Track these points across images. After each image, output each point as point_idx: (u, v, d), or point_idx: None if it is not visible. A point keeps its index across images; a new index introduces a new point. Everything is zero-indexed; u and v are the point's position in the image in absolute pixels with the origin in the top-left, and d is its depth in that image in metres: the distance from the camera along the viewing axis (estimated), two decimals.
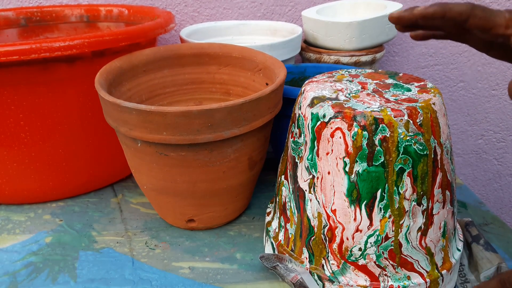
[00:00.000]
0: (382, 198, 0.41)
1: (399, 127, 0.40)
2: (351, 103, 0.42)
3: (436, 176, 0.43)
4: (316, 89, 0.45)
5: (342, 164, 0.42)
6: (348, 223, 0.43)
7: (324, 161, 0.43)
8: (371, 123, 0.40)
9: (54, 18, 0.83)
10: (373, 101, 0.43)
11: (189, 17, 0.91)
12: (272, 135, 0.64)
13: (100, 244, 0.55)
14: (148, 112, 0.45)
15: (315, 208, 0.44)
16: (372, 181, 0.41)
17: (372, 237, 0.42)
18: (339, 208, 0.43)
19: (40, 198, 0.64)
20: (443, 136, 0.43)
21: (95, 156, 0.64)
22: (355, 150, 0.41)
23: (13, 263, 0.52)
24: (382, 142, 0.40)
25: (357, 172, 0.41)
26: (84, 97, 0.59)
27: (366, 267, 0.43)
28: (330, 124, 0.42)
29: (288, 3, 0.92)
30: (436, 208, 0.43)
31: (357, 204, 0.42)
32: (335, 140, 0.41)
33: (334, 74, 0.51)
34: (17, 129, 0.57)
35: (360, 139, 0.40)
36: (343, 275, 0.44)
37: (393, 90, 0.45)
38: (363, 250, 0.43)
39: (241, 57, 0.63)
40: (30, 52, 0.51)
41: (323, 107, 0.42)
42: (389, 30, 0.81)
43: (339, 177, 0.42)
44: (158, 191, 0.53)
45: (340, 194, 0.42)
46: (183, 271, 0.51)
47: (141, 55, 0.61)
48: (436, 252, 0.45)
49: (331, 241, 0.44)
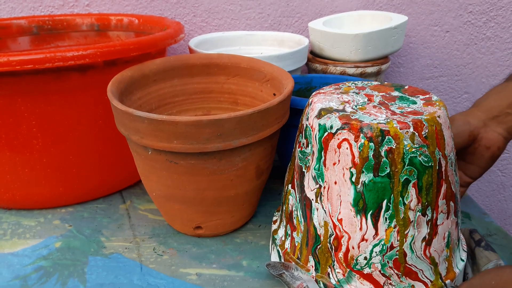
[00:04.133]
0: (387, 208, 0.42)
1: (405, 139, 0.41)
2: (358, 114, 0.43)
3: (441, 188, 0.43)
4: (323, 101, 0.46)
5: (348, 175, 0.42)
6: (354, 232, 0.43)
7: (331, 171, 0.43)
8: (377, 135, 0.41)
9: (65, 27, 0.84)
10: (379, 113, 0.44)
11: (198, 27, 0.93)
12: (278, 144, 0.65)
13: (109, 249, 0.56)
14: (160, 121, 0.46)
15: (322, 217, 0.45)
16: (378, 191, 0.42)
17: (377, 246, 0.43)
18: (345, 218, 0.43)
19: (50, 204, 0.65)
20: (448, 148, 0.44)
21: (104, 163, 0.65)
22: (362, 161, 0.42)
23: (24, 267, 0.53)
24: (388, 153, 0.41)
25: (363, 182, 0.42)
26: (95, 105, 0.61)
27: (371, 275, 0.44)
28: (337, 135, 0.42)
29: (295, 14, 0.94)
30: (440, 218, 0.44)
31: (363, 214, 0.43)
32: (342, 150, 0.42)
33: (341, 86, 0.52)
34: (30, 135, 0.59)
35: (367, 150, 0.41)
36: (348, 283, 0.45)
37: (399, 103, 0.46)
38: (369, 259, 0.44)
39: (249, 68, 0.64)
40: (44, 61, 0.53)
41: (330, 118, 0.43)
42: (394, 42, 0.82)
43: (346, 187, 0.43)
44: (166, 198, 0.54)
45: (346, 204, 0.43)
46: (190, 277, 0.51)
47: (151, 65, 0.62)
48: (440, 262, 0.45)
49: (337, 250, 0.45)
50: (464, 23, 0.99)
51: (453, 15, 0.98)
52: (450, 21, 0.98)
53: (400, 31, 0.83)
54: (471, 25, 0.99)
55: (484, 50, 1.02)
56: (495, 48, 1.02)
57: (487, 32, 1.00)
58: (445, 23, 0.98)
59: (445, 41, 1.00)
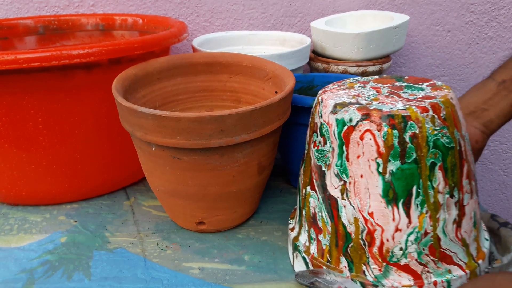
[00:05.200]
0: (418, 194, 0.42)
1: (426, 123, 0.41)
2: (375, 105, 0.43)
3: (463, 167, 0.44)
4: (334, 97, 0.46)
5: (375, 166, 0.42)
6: (387, 224, 0.43)
7: (356, 165, 0.43)
8: (400, 121, 0.41)
9: (71, 27, 0.85)
10: (394, 101, 0.44)
11: (201, 27, 0.94)
12: (280, 142, 0.66)
13: (113, 244, 0.57)
14: (163, 118, 0.47)
15: (351, 213, 0.44)
16: (406, 178, 0.42)
17: (412, 234, 0.43)
18: (376, 210, 0.43)
19: (55, 200, 0.66)
20: (463, 129, 0.44)
21: (109, 160, 0.66)
22: (387, 149, 0.41)
23: (30, 261, 0.54)
24: (412, 138, 0.41)
25: (391, 171, 0.42)
26: (100, 103, 0.62)
27: (408, 266, 0.43)
28: (358, 127, 0.42)
29: (298, 14, 0.95)
30: (466, 199, 0.44)
31: (394, 204, 0.42)
32: (365, 142, 0.42)
33: (344, 83, 0.52)
34: (36, 132, 0.60)
35: (391, 138, 0.41)
36: (386, 278, 0.44)
37: (408, 91, 0.46)
38: (404, 249, 0.43)
39: (252, 66, 0.65)
40: (51, 59, 0.54)
41: (348, 111, 0.43)
42: (396, 41, 0.83)
43: (373, 178, 0.42)
44: (170, 193, 0.55)
45: (375, 196, 0.42)
46: (193, 271, 0.52)
47: (155, 63, 0.63)
48: (471, 243, 0.45)
49: (370, 245, 0.44)
50: (466, 22, 0.99)
51: (455, 14, 0.98)
52: (452, 20, 0.99)
53: (402, 31, 0.83)
54: (473, 24, 1.00)
55: (486, 50, 1.02)
56: (497, 47, 1.02)
57: (489, 31, 1.00)
58: (447, 22, 0.99)
59: (447, 41, 1.01)
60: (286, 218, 0.62)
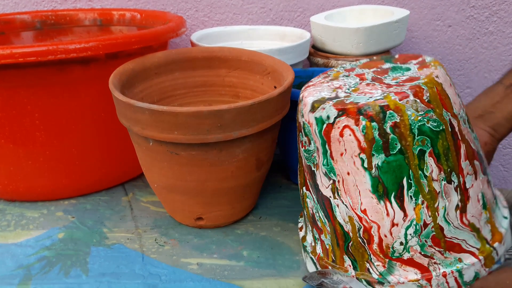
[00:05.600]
0: (409, 185, 0.40)
1: (407, 109, 0.39)
2: (352, 97, 0.41)
3: (459, 149, 0.41)
4: (314, 93, 0.44)
5: (359, 162, 0.40)
6: (381, 220, 0.41)
7: (340, 162, 0.41)
8: (377, 112, 0.39)
9: (68, 22, 0.85)
10: (374, 90, 0.42)
11: (200, 22, 0.93)
12: (279, 137, 0.65)
13: (111, 240, 0.57)
14: (161, 112, 0.46)
15: (345, 212, 0.43)
16: (394, 171, 0.40)
17: (410, 228, 0.41)
18: (369, 207, 0.41)
19: (53, 196, 0.66)
20: (455, 107, 0.41)
21: (107, 155, 0.66)
22: (369, 143, 0.40)
23: (27, 257, 0.54)
24: (394, 128, 0.39)
25: (376, 165, 0.40)
26: (98, 98, 0.61)
27: (412, 260, 0.42)
28: (336, 124, 0.40)
29: (297, 9, 0.94)
30: (468, 181, 0.42)
31: (386, 198, 0.40)
32: (346, 138, 0.40)
33: (330, 73, 0.50)
34: (33, 128, 0.59)
35: (371, 131, 0.39)
36: (391, 274, 0.42)
37: (392, 74, 0.44)
38: (405, 244, 0.41)
39: (250, 61, 0.65)
40: (47, 53, 0.53)
41: (325, 108, 0.41)
42: (396, 36, 0.83)
43: (360, 175, 0.41)
44: (168, 189, 0.55)
45: (366, 192, 0.41)
46: (191, 267, 0.52)
47: (153, 58, 0.62)
48: (482, 226, 0.43)
49: (369, 243, 0.42)
50: (466, 17, 0.99)
51: (455, 9, 0.98)
52: (453, 15, 0.98)
53: (402, 25, 0.83)
54: (474, 19, 0.99)
55: (487, 45, 1.02)
56: (498, 42, 1.01)
57: (489, 26, 1.00)
58: (448, 17, 0.98)
59: (447, 36, 1.00)
60: (285, 213, 0.62)
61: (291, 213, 0.62)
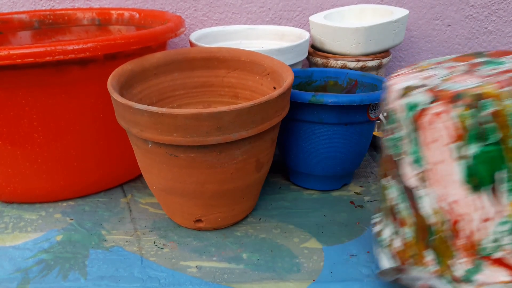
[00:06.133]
0: (506, 179, 0.37)
1: (508, 98, 0.36)
2: (446, 85, 0.39)
3: None
4: (402, 81, 0.42)
5: (452, 150, 0.38)
6: (472, 214, 0.38)
7: (431, 151, 0.39)
8: (475, 100, 0.36)
9: (66, 21, 0.84)
10: (468, 79, 0.39)
11: (199, 21, 0.93)
12: (279, 138, 0.65)
13: (109, 242, 0.57)
14: (160, 114, 0.46)
15: (431, 204, 0.40)
16: (490, 161, 0.37)
17: (505, 225, 0.38)
18: (460, 199, 0.38)
19: (51, 197, 0.65)
20: None
21: (105, 156, 0.65)
22: (464, 132, 0.37)
23: (25, 260, 0.54)
24: (492, 117, 0.36)
25: (471, 155, 0.37)
26: (96, 99, 0.61)
27: (503, 260, 0.38)
28: (428, 110, 0.38)
29: (296, 8, 0.94)
30: None
31: (478, 191, 0.38)
32: (438, 126, 0.38)
33: (415, 67, 0.47)
34: (31, 129, 0.59)
35: (467, 119, 0.37)
36: (478, 273, 0.39)
37: (487, 67, 0.42)
38: (496, 241, 0.38)
39: (249, 61, 0.64)
40: (45, 54, 0.53)
41: (417, 95, 0.39)
42: (395, 35, 0.82)
43: (452, 164, 0.38)
44: (167, 191, 0.55)
45: (457, 183, 0.38)
46: (190, 270, 0.52)
47: (152, 59, 0.62)
48: None
49: (456, 238, 0.39)
50: (465, 17, 0.98)
51: (454, 8, 0.97)
52: (452, 15, 0.98)
53: (401, 25, 0.82)
54: (473, 19, 0.99)
55: (486, 44, 1.01)
56: (497, 42, 1.01)
57: (488, 26, 1.00)
58: (447, 17, 0.98)
59: (446, 35, 1.00)
60: (284, 215, 0.61)
61: (290, 214, 0.61)
